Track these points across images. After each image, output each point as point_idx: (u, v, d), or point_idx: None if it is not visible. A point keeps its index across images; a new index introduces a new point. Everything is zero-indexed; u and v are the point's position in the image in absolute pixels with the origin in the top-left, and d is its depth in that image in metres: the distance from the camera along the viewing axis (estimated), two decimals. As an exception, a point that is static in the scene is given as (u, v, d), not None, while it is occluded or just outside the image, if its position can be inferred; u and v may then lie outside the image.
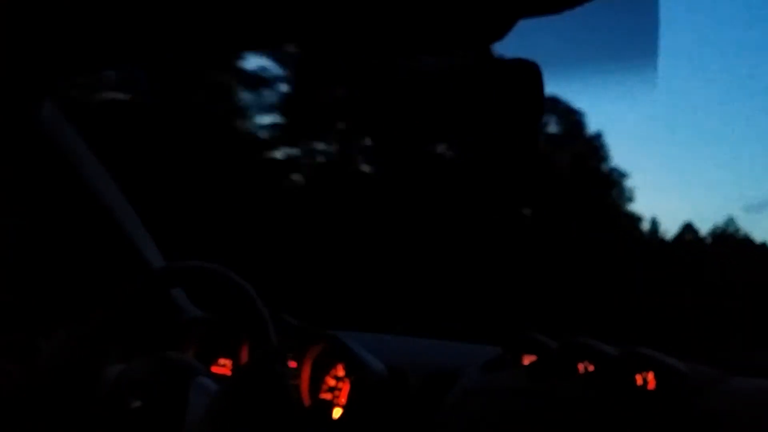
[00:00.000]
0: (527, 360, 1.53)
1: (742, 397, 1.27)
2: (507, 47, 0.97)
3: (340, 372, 1.59)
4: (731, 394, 1.28)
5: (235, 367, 1.69)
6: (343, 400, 1.56)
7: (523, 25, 0.94)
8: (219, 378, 1.31)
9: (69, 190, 1.45)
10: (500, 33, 0.95)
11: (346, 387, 1.57)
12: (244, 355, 1.67)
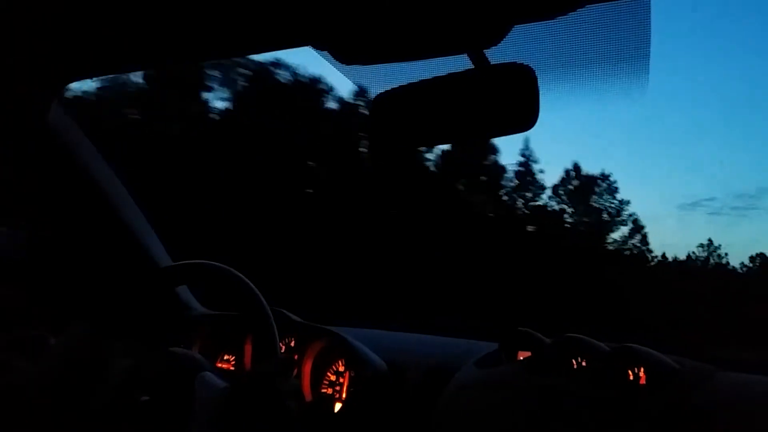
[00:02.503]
0: (522, 355, 1.55)
1: (731, 391, 1.29)
2: (502, 52, 0.99)
3: (341, 367, 1.62)
4: (720, 388, 1.30)
5: (239, 365, 1.71)
6: (343, 394, 1.59)
7: (518, 31, 0.96)
8: (224, 373, 1.33)
9: (77, 191, 1.47)
10: (496, 38, 0.96)
11: (346, 382, 1.59)
12: (248, 351, 1.69)
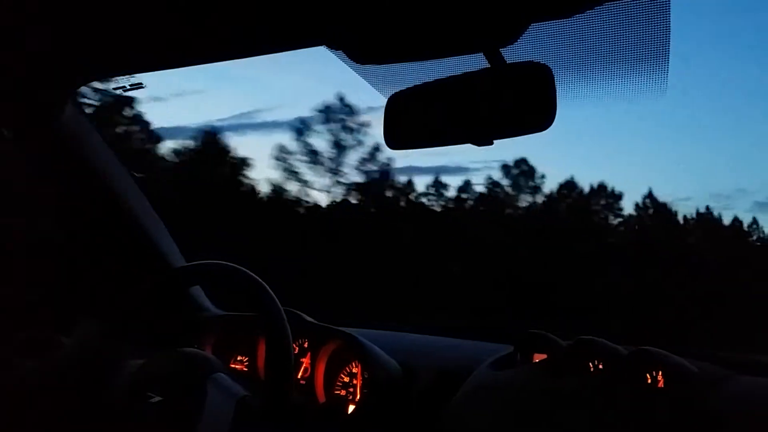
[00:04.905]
0: (538, 358, 1.54)
1: (750, 395, 1.27)
2: (519, 51, 0.98)
3: (355, 369, 1.61)
4: (739, 392, 1.28)
5: (252, 366, 1.71)
6: (357, 396, 1.58)
7: (535, 29, 0.95)
8: (236, 374, 1.33)
9: (91, 191, 1.48)
10: (512, 37, 0.95)
11: (359, 383, 1.59)
12: (261, 352, 1.69)
